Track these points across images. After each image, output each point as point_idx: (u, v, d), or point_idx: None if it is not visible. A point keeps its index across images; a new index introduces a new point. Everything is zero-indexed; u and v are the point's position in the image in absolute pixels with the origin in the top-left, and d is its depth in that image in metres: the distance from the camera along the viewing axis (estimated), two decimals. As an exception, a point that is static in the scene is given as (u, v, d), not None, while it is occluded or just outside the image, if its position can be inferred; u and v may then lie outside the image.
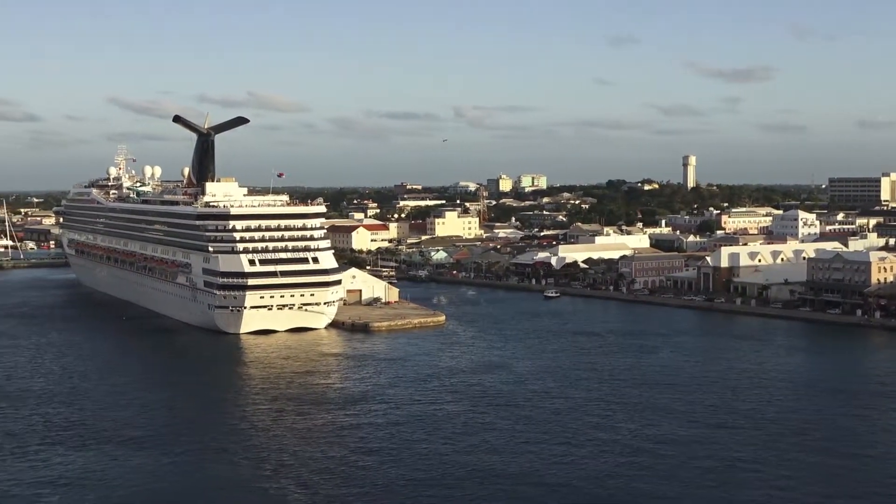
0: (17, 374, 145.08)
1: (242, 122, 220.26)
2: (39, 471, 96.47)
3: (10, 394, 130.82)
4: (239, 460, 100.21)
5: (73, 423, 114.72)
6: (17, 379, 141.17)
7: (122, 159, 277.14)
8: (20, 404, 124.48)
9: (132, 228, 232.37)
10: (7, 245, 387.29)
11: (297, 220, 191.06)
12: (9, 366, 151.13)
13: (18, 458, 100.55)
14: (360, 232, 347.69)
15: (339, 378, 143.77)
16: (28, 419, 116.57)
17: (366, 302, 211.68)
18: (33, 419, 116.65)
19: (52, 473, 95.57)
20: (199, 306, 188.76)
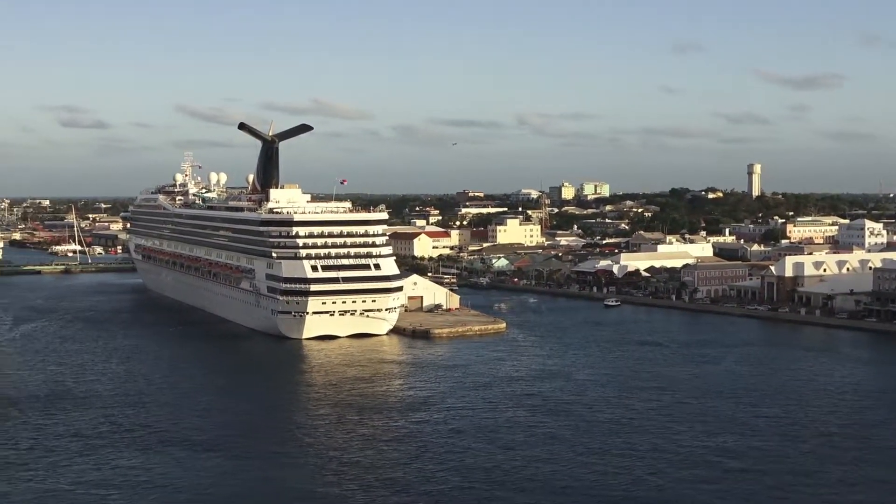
0: (85, 376, 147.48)
1: (306, 130, 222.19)
2: (105, 472, 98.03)
3: (77, 396, 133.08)
4: (301, 465, 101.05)
5: (138, 426, 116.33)
6: (84, 381, 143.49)
7: (188, 166, 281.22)
8: (87, 406, 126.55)
9: (197, 234, 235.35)
10: (76, 250, 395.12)
11: (360, 227, 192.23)
12: (76, 369, 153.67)
13: (85, 459, 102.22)
14: (422, 239, 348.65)
15: (400, 384, 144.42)
16: (94, 421, 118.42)
17: (427, 309, 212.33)
18: (99, 421, 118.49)
19: (117, 475, 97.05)
20: (263, 311, 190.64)
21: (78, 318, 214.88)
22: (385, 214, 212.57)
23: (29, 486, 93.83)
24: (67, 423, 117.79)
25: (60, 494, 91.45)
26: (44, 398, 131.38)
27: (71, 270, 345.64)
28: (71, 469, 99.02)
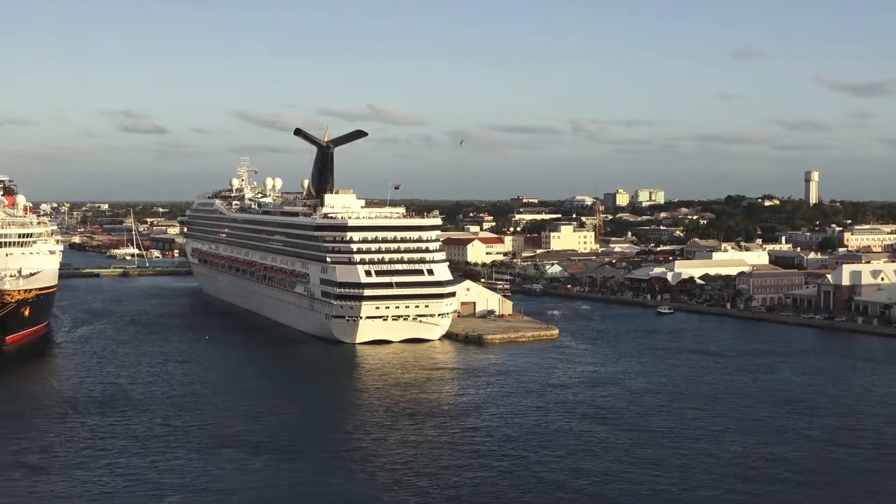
0: (140, 378, 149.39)
1: (361, 136, 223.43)
2: (160, 473, 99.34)
3: (132, 398, 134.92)
4: (353, 469, 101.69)
5: (194, 428, 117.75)
6: (140, 384, 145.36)
7: (244, 171, 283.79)
8: (142, 408, 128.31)
9: (253, 238, 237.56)
10: (134, 253, 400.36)
11: (413, 233, 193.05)
12: (132, 371, 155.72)
13: (140, 460, 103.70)
14: (476, 245, 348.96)
15: (452, 390, 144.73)
16: (150, 422, 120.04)
17: (480, 314, 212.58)
18: (155, 422, 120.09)
19: (172, 476, 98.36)
20: (317, 316, 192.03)
21: (135, 320, 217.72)
22: (438, 220, 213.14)
23: (86, 486, 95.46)
24: (123, 424, 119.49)
25: (116, 494, 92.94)
26: (100, 400, 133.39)
27: (129, 274, 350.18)
28: (127, 469, 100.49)
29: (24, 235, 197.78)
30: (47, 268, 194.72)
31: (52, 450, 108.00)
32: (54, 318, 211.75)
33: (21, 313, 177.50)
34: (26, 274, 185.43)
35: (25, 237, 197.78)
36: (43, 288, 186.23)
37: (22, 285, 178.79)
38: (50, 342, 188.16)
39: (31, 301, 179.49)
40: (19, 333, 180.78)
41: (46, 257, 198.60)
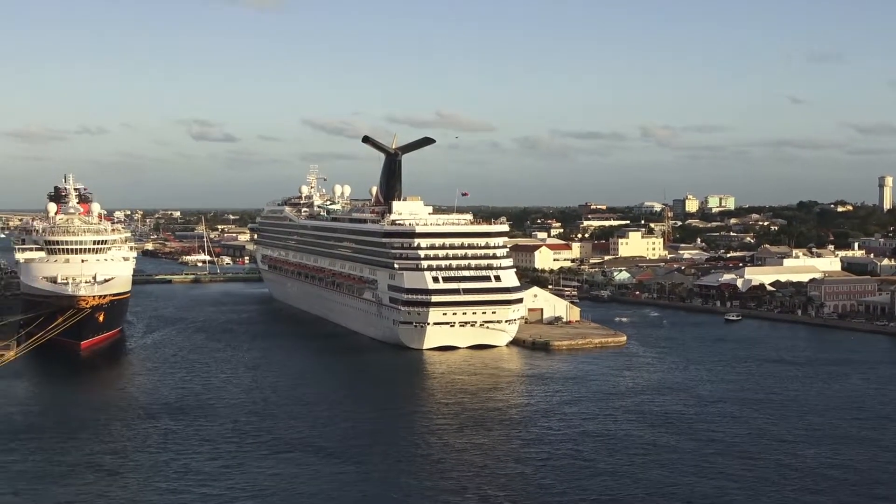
0: (212, 384, 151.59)
1: (428, 143, 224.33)
2: (232, 476, 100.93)
3: (204, 403, 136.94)
4: (422, 473, 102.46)
5: (264, 433, 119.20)
6: (212, 389, 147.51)
7: (313, 178, 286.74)
8: (214, 413, 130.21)
9: (322, 245, 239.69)
10: (205, 260, 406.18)
11: (481, 239, 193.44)
12: (204, 376, 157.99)
13: (212, 464, 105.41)
14: (543, 251, 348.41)
15: (520, 395, 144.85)
16: (221, 427, 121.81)
17: (547, 321, 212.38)
18: (226, 427, 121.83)
19: (243, 479, 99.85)
20: (385, 322, 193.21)
21: (205, 326, 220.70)
22: (506, 226, 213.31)
23: (158, 486, 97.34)
24: (195, 428, 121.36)
25: (190, 497, 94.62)
26: (172, 404, 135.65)
27: (200, 280, 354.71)
28: (199, 473, 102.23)
29: (98, 242, 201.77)
30: (121, 274, 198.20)
31: (126, 453, 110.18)
32: (128, 324, 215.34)
33: (96, 319, 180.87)
34: (101, 280, 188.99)
35: (100, 244, 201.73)
36: (117, 294, 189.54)
37: (97, 291, 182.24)
38: (123, 347, 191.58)
39: (106, 307, 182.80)
40: (94, 338, 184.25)
41: (120, 264, 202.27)
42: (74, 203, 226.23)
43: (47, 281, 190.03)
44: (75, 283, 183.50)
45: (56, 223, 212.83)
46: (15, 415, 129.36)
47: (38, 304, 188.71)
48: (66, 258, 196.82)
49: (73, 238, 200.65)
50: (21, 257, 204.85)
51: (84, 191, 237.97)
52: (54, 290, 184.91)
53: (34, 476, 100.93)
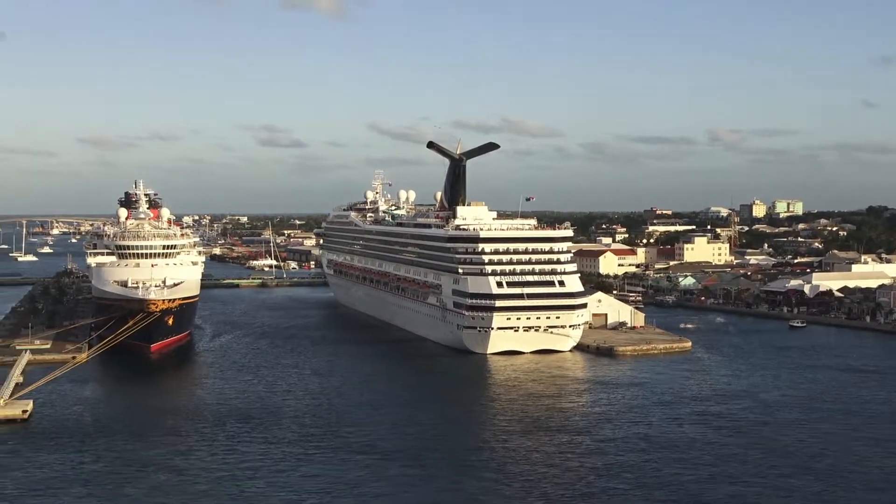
0: (278, 387, 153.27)
1: (493, 148, 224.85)
2: (300, 478, 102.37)
3: (271, 406, 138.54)
4: (486, 477, 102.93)
5: (330, 435, 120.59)
6: (278, 392, 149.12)
7: (378, 183, 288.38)
8: (280, 416, 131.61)
9: (386, 250, 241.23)
10: (271, 264, 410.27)
11: (545, 244, 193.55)
12: (270, 380, 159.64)
13: (280, 465, 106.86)
14: (608, 256, 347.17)
15: (585, 400, 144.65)
16: (288, 430, 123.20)
17: (611, 326, 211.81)
18: (292, 430, 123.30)
19: (310, 482, 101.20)
20: (449, 326, 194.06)
21: (272, 330, 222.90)
22: (570, 231, 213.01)
23: (227, 487, 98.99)
24: (262, 430, 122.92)
25: (258, 497, 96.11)
26: (239, 407, 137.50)
27: (267, 284, 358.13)
28: (267, 474, 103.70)
29: (168, 247, 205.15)
30: (190, 278, 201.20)
31: (195, 453, 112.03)
32: (196, 328, 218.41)
33: (165, 322, 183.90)
34: (170, 284, 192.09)
35: (170, 248, 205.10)
36: (186, 298, 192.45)
37: (166, 295, 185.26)
38: (191, 350, 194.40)
39: (175, 310, 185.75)
40: (163, 342, 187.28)
41: (189, 268, 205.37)
42: (145, 208, 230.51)
43: (118, 285, 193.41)
44: (145, 287, 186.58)
45: (127, 228, 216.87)
46: (86, 416, 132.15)
47: (108, 307, 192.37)
48: (137, 262, 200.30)
49: (144, 243, 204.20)
50: (93, 261, 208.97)
51: (154, 196, 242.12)
52: (125, 293, 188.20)
53: (105, 475, 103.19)
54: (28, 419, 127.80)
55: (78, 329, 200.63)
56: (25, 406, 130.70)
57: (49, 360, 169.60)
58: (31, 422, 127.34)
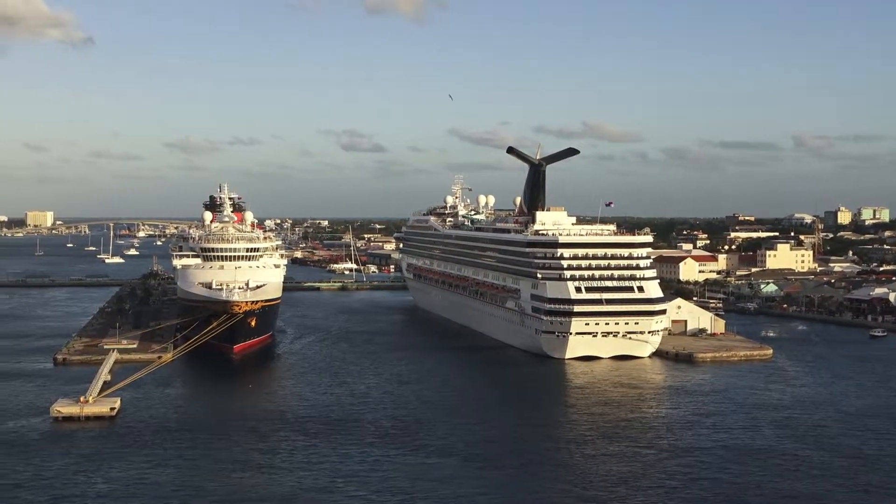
0: (358, 390, 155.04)
1: (573, 154, 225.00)
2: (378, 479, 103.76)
3: (349, 408, 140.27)
4: (564, 481, 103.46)
5: (409, 437, 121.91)
6: (358, 395, 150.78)
7: (458, 188, 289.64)
8: (360, 418, 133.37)
9: (465, 254, 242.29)
10: (352, 268, 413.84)
11: (624, 249, 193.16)
12: (350, 383, 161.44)
13: (360, 467, 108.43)
14: (688, 263, 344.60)
15: (664, 406, 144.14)
16: (366, 432, 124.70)
17: (691, 333, 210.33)
18: (371, 431, 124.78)
19: (388, 482, 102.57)
20: (527, 331, 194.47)
21: (351, 333, 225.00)
22: (650, 237, 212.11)
23: (309, 485, 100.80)
24: (341, 432, 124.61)
25: (338, 496, 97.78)
26: (320, 408, 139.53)
27: (347, 288, 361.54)
28: (347, 474, 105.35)
29: (251, 250, 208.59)
30: (272, 281, 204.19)
31: (277, 452, 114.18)
32: (278, 330, 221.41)
33: (248, 324, 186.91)
34: (253, 286, 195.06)
35: (253, 251, 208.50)
36: (268, 300, 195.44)
37: (249, 297, 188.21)
38: (273, 352, 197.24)
39: (258, 312, 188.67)
40: (246, 343, 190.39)
41: (272, 271, 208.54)
42: (229, 212, 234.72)
43: (202, 286, 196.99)
44: (229, 289, 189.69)
45: (211, 231, 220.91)
46: (170, 414, 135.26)
47: (193, 308, 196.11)
48: (221, 265, 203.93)
49: (228, 245, 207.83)
50: (178, 263, 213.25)
51: (238, 200, 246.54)
52: (209, 295, 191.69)
53: (190, 472, 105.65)
54: (115, 416, 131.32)
55: (163, 330, 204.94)
56: (113, 403, 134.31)
57: (135, 360, 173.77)
58: (119, 419, 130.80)
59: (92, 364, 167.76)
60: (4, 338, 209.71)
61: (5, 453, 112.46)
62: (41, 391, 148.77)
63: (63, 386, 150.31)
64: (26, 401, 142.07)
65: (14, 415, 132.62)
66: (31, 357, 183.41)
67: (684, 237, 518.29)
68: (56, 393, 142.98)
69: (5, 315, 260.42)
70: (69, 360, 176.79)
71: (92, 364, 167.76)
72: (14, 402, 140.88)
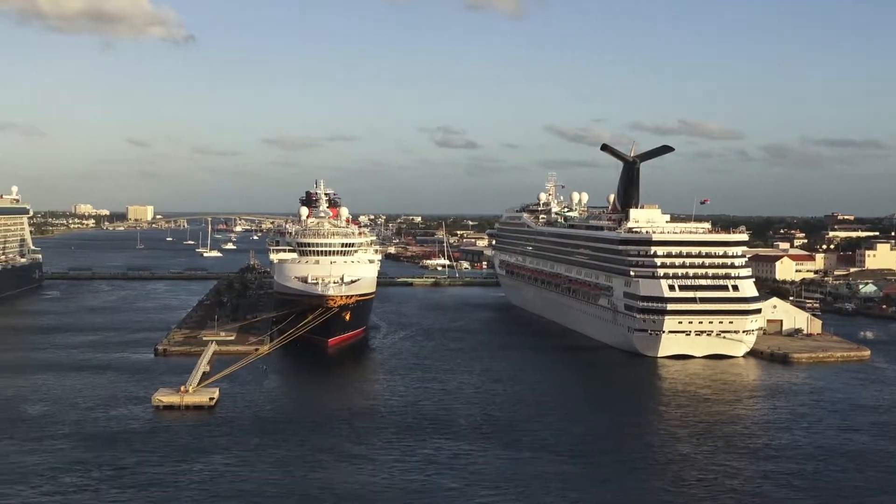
0: (450, 385, 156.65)
1: (667, 151, 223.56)
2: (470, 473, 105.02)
3: (441, 403, 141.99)
4: (656, 479, 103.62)
5: (499, 433, 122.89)
6: (450, 390, 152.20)
7: (551, 185, 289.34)
8: (452, 412, 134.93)
9: (558, 252, 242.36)
10: (444, 264, 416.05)
11: (719, 248, 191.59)
12: (442, 379, 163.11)
13: (454, 461, 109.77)
14: (785, 262, 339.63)
15: (758, 407, 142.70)
16: (458, 427, 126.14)
17: (786, 333, 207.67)
18: (463, 427, 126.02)
19: (480, 476, 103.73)
20: (619, 329, 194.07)
21: (444, 329, 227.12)
22: (745, 236, 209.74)
23: (404, 475, 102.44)
24: (434, 427, 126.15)
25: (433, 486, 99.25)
26: (411, 402, 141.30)
27: (440, 283, 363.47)
28: (440, 465, 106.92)
29: (346, 245, 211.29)
30: (367, 276, 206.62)
31: (371, 444, 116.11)
32: (371, 325, 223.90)
33: (342, 318, 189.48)
34: (348, 281, 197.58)
35: (348, 247, 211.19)
36: (362, 294, 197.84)
37: (344, 291, 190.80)
38: (366, 346, 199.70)
39: (352, 306, 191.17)
40: (340, 337, 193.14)
41: (366, 266, 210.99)
42: (325, 207, 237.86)
43: (298, 281, 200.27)
44: (324, 284, 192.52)
45: (307, 226, 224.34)
46: (267, 405, 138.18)
47: (289, 302, 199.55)
48: (317, 259, 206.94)
49: (323, 241, 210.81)
50: (275, 258, 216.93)
51: (333, 195, 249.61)
52: (305, 289, 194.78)
53: (288, 462, 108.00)
54: (214, 406, 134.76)
55: (260, 322, 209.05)
56: (212, 394, 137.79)
57: (233, 352, 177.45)
58: (217, 408, 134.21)
59: (191, 355, 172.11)
60: (109, 329, 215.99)
61: (110, 440, 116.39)
62: (143, 381, 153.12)
63: (163, 376, 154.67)
64: (129, 390, 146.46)
65: (118, 403, 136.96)
66: (133, 348, 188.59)
67: (781, 236, 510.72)
68: (157, 383, 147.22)
69: (109, 307, 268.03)
70: (169, 352, 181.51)
71: (191, 355, 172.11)
72: (118, 392, 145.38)
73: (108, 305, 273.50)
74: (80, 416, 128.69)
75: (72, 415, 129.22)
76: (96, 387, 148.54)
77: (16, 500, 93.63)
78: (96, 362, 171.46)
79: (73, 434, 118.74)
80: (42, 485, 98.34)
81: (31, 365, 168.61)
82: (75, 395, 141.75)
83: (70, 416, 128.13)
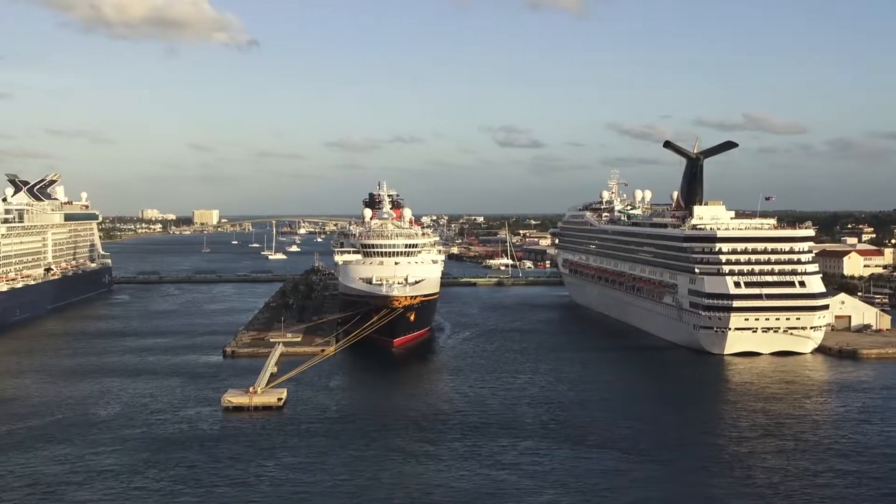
0: (516, 383, 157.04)
1: (731, 147, 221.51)
2: (537, 470, 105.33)
3: (507, 401, 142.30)
4: (725, 477, 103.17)
5: (566, 431, 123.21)
6: (515, 388, 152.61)
7: (614, 183, 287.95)
8: (517, 410, 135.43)
9: (621, 250, 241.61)
10: (507, 264, 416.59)
11: (784, 244, 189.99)
12: (507, 377, 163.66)
13: (521, 458, 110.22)
14: (852, 257, 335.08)
15: (828, 404, 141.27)
16: (525, 425, 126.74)
17: (855, 328, 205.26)
18: (529, 425, 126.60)
19: (547, 474, 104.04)
20: (685, 326, 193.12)
21: (508, 329, 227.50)
22: (811, 231, 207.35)
23: (471, 471, 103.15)
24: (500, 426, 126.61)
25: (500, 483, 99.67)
26: (475, 401, 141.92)
27: (503, 283, 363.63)
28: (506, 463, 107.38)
29: (409, 246, 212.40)
30: (430, 276, 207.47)
31: (437, 442, 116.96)
32: (435, 325, 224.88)
33: (407, 318, 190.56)
34: (412, 281, 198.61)
35: (411, 247, 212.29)
36: (426, 295, 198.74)
37: (408, 292, 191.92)
38: (431, 347, 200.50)
39: (416, 307, 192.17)
40: (405, 337, 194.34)
41: (430, 266, 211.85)
42: (388, 209, 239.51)
43: (363, 282, 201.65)
44: (389, 284, 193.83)
45: (371, 228, 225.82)
46: (333, 405, 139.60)
47: (354, 303, 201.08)
48: (381, 261, 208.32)
49: (387, 242, 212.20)
50: (340, 259, 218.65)
51: (396, 197, 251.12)
52: (369, 290, 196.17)
53: (356, 462, 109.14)
54: (283, 406, 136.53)
55: (326, 323, 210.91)
56: (280, 394, 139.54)
57: (300, 353, 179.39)
58: (286, 409, 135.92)
59: (259, 357, 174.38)
60: (177, 333, 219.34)
61: (182, 440, 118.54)
62: (212, 383, 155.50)
63: (232, 377, 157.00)
64: (199, 391, 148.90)
65: (189, 404, 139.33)
66: (201, 350, 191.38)
67: (849, 231, 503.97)
68: (226, 384, 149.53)
69: (178, 311, 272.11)
70: (237, 353, 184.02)
71: (259, 357, 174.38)
72: (188, 393, 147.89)
73: (176, 308, 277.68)
74: (151, 418, 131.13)
75: (143, 417, 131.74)
76: (166, 389, 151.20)
77: (92, 501, 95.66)
78: (166, 365, 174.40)
79: (145, 436, 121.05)
80: (117, 486, 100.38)
81: (103, 368, 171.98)
82: (146, 398, 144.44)
83: (141, 418, 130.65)
